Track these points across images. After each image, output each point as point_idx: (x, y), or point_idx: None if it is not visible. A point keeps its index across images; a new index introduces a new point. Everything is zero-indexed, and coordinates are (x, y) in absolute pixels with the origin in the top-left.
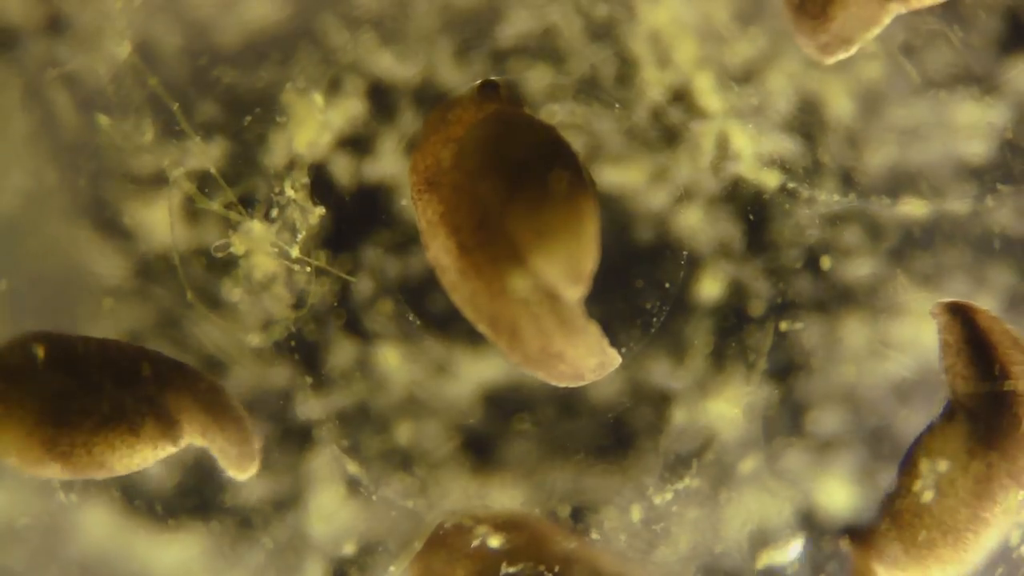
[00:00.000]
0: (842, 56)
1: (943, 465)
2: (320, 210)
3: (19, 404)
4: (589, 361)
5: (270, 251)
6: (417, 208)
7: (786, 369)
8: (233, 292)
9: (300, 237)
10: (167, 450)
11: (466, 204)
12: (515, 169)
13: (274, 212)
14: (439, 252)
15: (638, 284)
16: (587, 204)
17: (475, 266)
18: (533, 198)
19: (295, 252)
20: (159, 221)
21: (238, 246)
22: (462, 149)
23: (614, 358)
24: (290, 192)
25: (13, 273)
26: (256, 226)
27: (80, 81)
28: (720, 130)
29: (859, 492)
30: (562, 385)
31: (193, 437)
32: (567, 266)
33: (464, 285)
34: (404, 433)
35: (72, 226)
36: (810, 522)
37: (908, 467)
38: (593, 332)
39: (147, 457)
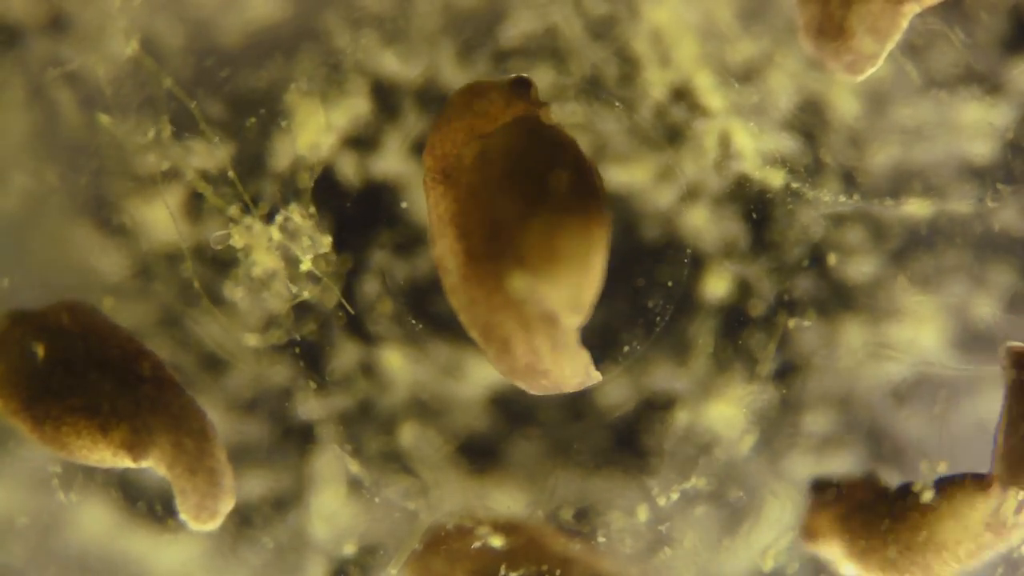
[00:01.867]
0: (871, 70)
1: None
2: (327, 239)
3: (24, 354)
4: (571, 381)
5: (274, 254)
6: (428, 198)
7: (787, 369)
8: (235, 291)
9: (308, 258)
10: (125, 462)
11: (481, 211)
12: (538, 189)
13: (280, 220)
14: (445, 252)
15: (641, 283)
16: (601, 236)
17: (479, 276)
18: (550, 223)
19: (306, 265)
20: (160, 219)
21: (237, 240)
22: (486, 153)
23: (595, 378)
24: (298, 219)
25: (14, 271)
26: (258, 226)
27: (82, 79)
28: (722, 128)
29: None
30: (537, 394)
31: (157, 465)
32: (571, 296)
33: (464, 291)
34: (407, 435)
35: (73, 224)
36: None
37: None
38: (582, 358)
39: (105, 458)
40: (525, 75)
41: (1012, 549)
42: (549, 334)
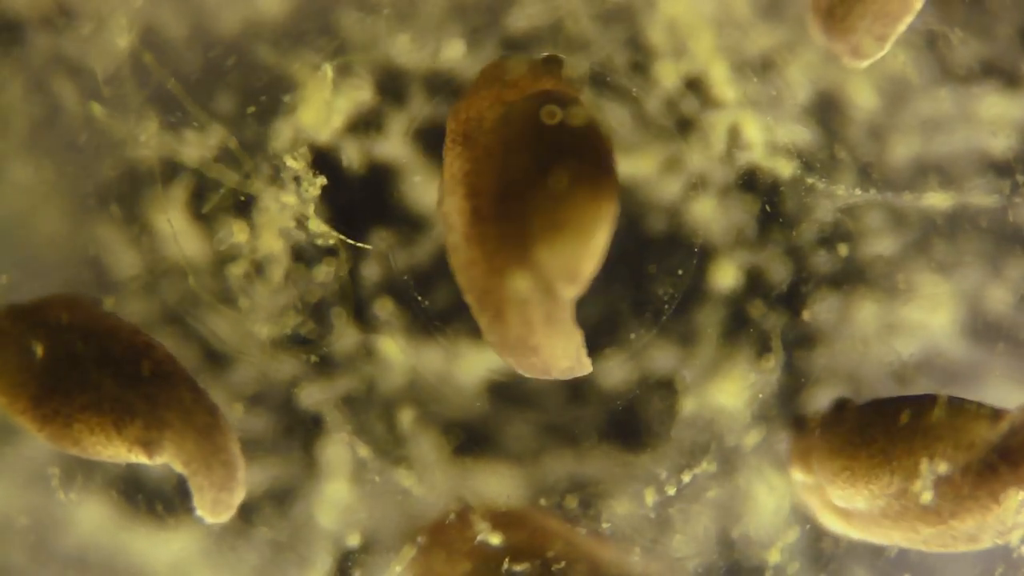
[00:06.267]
0: (877, 55)
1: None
2: (321, 179)
3: (25, 351)
4: (561, 363)
5: (279, 231)
6: (445, 159)
7: (793, 356)
8: (238, 282)
9: (310, 210)
10: (140, 458)
11: (494, 172)
12: (551, 155)
13: (278, 184)
14: (452, 210)
15: (650, 271)
16: (607, 211)
17: (481, 236)
18: (559, 189)
19: (313, 226)
20: (163, 213)
21: (239, 235)
22: (507, 115)
23: (586, 367)
24: (292, 163)
25: (13, 268)
26: (263, 210)
27: (84, 73)
28: (733, 120)
29: None
30: (526, 375)
31: (173, 461)
32: (569, 264)
33: (465, 251)
34: (405, 420)
35: (74, 221)
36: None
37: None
38: (575, 337)
39: (119, 454)
40: (559, 55)
41: (1012, 549)
42: (544, 306)
